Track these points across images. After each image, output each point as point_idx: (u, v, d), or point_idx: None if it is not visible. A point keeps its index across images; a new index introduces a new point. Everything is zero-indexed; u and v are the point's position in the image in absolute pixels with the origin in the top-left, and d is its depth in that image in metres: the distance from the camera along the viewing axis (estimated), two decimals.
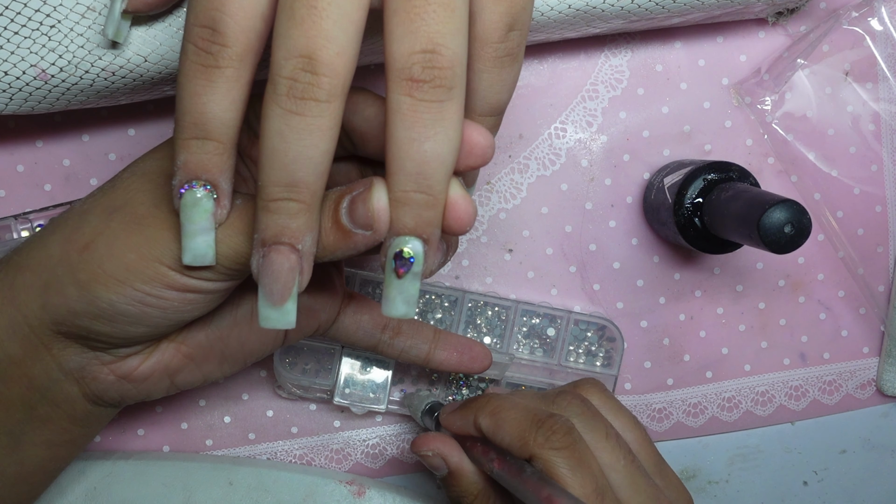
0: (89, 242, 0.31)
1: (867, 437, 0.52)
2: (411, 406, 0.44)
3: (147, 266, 0.30)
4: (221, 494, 0.45)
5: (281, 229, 0.27)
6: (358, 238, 0.29)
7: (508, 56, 0.29)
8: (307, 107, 0.26)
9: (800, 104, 0.49)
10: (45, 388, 0.34)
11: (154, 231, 0.30)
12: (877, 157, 0.50)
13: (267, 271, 0.28)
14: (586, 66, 0.48)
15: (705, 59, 0.49)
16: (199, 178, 0.28)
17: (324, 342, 0.45)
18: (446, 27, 0.26)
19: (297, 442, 0.48)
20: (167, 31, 0.37)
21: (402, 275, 0.28)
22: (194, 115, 0.27)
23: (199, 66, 0.27)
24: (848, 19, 0.47)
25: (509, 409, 0.37)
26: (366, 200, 0.28)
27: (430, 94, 0.26)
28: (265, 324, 0.29)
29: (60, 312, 0.32)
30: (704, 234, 0.44)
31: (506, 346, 0.47)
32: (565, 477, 0.34)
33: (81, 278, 0.31)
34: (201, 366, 0.36)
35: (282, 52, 0.25)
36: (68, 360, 0.33)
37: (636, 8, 0.41)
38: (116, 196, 0.32)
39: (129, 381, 0.35)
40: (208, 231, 0.29)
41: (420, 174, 0.27)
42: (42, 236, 0.33)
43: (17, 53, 0.36)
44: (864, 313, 0.51)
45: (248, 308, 0.36)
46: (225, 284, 0.32)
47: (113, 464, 0.45)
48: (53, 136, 0.45)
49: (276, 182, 0.27)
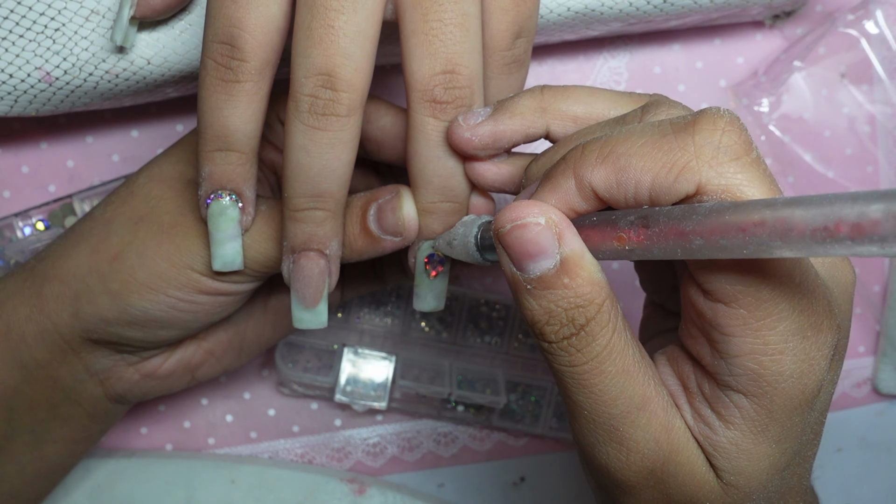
0: (118, 253, 0.32)
1: (863, 435, 0.52)
2: (454, 240, 0.30)
3: (179, 273, 0.31)
4: (223, 492, 0.45)
5: (309, 237, 0.29)
6: (386, 243, 0.30)
7: (515, 63, 0.30)
8: (329, 122, 0.27)
9: (796, 106, 0.49)
10: (70, 389, 0.34)
11: (182, 239, 0.31)
12: (872, 158, 0.50)
13: (298, 277, 0.30)
14: (585, 68, 0.49)
15: (703, 62, 0.49)
16: (224, 188, 0.30)
17: (325, 341, 0.46)
18: (463, 46, 0.27)
19: (298, 440, 0.48)
20: (170, 34, 0.37)
21: (435, 276, 0.31)
22: (217, 128, 0.28)
23: (220, 80, 0.28)
24: (844, 22, 0.48)
25: (623, 142, 0.24)
26: (395, 210, 0.30)
27: (453, 113, 0.28)
28: (299, 325, 0.31)
29: (92, 321, 0.33)
30: None
31: (506, 345, 0.48)
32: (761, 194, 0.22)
33: (114, 288, 0.32)
34: (221, 359, 0.37)
35: (302, 71, 0.27)
36: (95, 363, 0.34)
37: (634, 11, 0.42)
38: (138, 204, 0.33)
39: (153, 379, 0.36)
40: (235, 238, 0.31)
41: (446, 187, 0.29)
42: (67, 247, 0.34)
43: (22, 56, 0.37)
44: (860, 313, 0.51)
45: (262, 301, 0.37)
46: (252, 285, 0.33)
47: (116, 462, 0.45)
48: (57, 138, 0.46)
49: (302, 194, 0.28)
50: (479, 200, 0.31)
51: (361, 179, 0.37)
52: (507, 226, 0.24)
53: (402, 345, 0.47)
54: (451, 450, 0.49)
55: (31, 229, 0.43)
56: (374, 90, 0.33)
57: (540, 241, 0.24)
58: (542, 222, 0.24)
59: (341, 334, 0.46)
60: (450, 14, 0.27)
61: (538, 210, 0.24)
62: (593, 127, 0.28)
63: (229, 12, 0.27)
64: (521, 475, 0.50)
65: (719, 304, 0.23)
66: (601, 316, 0.24)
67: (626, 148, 0.24)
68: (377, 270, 0.39)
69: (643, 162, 0.23)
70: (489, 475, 0.50)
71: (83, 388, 0.35)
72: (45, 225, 0.43)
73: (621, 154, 0.24)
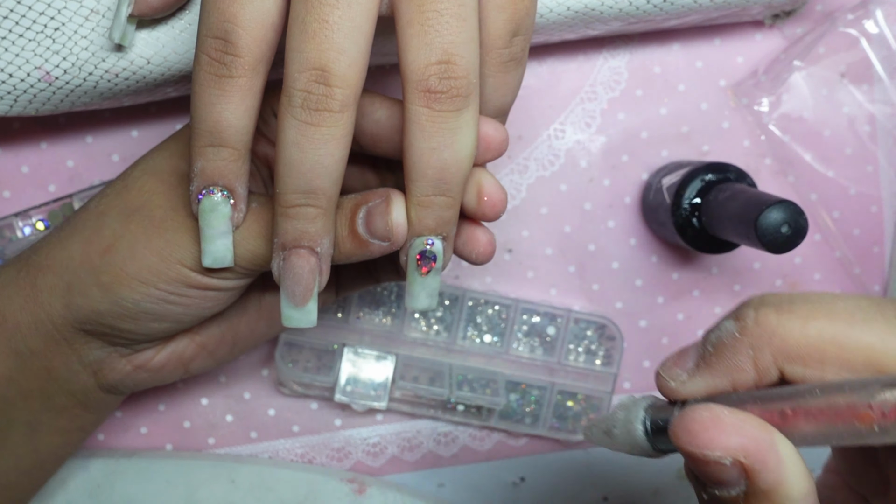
0: (110, 245, 0.32)
1: None
2: (614, 428, 0.25)
3: (169, 268, 0.31)
4: (223, 492, 0.45)
5: (300, 234, 0.29)
6: (374, 247, 0.30)
7: (513, 61, 0.30)
8: (322, 118, 0.26)
9: (796, 106, 0.49)
10: (64, 379, 0.34)
11: (174, 234, 0.31)
12: (872, 157, 0.50)
13: (288, 274, 0.29)
14: (585, 68, 0.49)
15: (703, 61, 0.49)
16: (216, 184, 0.29)
17: (325, 340, 0.46)
18: (460, 37, 0.27)
19: (298, 440, 0.48)
20: (170, 34, 0.37)
21: (426, 273, 0.30)
22: (209, 124, 0.28)
23: (213, 76, 0.27)
24: (844, 22, 0.48)
25: (826, 308, 0.21)
26: (384, 214, 0.29)
27: (448, 104, 0.27)
28: (288, 323, 0.30)
29: (84, 312, 0.33)
30: (702, 234, 0.44)
31: (506, 345, 0.48)
32: None
33: (104, 280, 0.32)
34: (214, 353, 0.37)
35: (295, 66, 0.26)
36: (88, 354, 0.34)
37: (634, 10, 0.42)
38: (132, 197, 0.33)
39: (145, 371, 0.36)
40: (226, 234, 0.30)
41: (441, 180, 0.28)
42: (61, 238, 0.34)
43: (22, 56, 0.37)
44: None
45: (257, 297, 0.37)
46: (243, 282, 0.33)
47: (116, 462, 0.45)
48: (57, 138, 0.46)
49: (294, 190, 0.28)
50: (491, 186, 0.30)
51: (357, 177, 0.36)
52: (687, 448, 0.20)
53: (402, 345, 0.47)
54: (451, 450, 0.49)
55: (31, 229, 0.43)
56: (372, 91, 0.33)
57: (724, 476, 0.20)
58: (727, 463, 0.20)
59: (341, 334, 0.46)
60: (446, 4, 0.26)
61: (721, 443, 0.20)
62: None
63: (224, 7, 0.27)
64: (521, 475, 0.50)
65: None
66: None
67: (826, 317, 0.21)
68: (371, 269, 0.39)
69: (856, 331, 0.20)
70: (489, 475, 0.50)
71: (76, 379, 0.35)
72: (45, 225, 0.43)
73: (823, 326, 0.21)
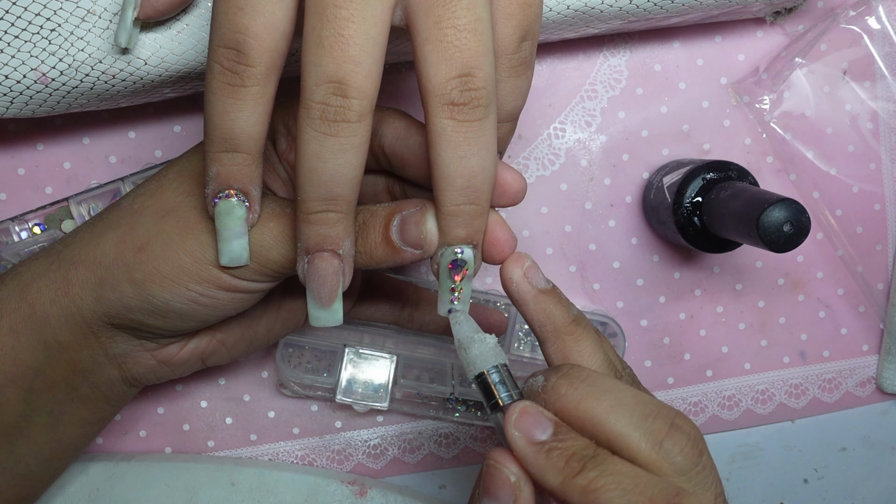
0: (144, 244, 0.33)
1: (867, 434, 0.52)
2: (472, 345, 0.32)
3: (201, 269, 0.33)
4: (224, 495, 0.45)
5: (323, 238, 0.30)
6: (406, 255, 0.31)
7: (522, 65, 0.31)
8: (340, 128, 0.28)
9: (798, 103, 0.49)
10: (89, 371, 0.36)
11: (207, 237, 0.33)
12: (875, 155, 0.50)
13: (313, 276, 0.31)
14: (585, 67, 0.48)
15: (704, 59, 0.49)
16: (230, 188, 0.31)
17: (326, 341, 0.46)
18: (478, 50, 0.28)
19: (298, 443, 0.48)
20: (167, 35, 0.37)
21: (458, 280, 0.31)
22: (223, 131, 0.29)
23: (226, 85, 0.28)
24: (845, 18, 0.48)
25: (611, 486, 0.27)
26: (419, 223, 0.31)
27: (471, 114, 0.28)
28: (316, 323, 0.32)
29: (115, 306, 0.34)
30: (704, 233, 0.44)
31: (507, 344, 0.47)
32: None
33: (137, 277, 0.33)
34: (231, 349, 0.39)
35: (313, 79, 0.27)
36: (114, 347, 0.36)
37: (634, 8, 0.42)
38: (166, 198, 0.34)
39: (168, 365, 0.37)
40: (242, 235, 0.32)
41: (469, 187, 0.29)
42: (94, 234, 0.35)
43: (18, 57, 0.37)
44: (864, 311, 0.51)
45: (277, 299, 0.39)
46: (269, 285, 0.34)
47: (115, 465, 0.45)
48: (54, 139, 0.46)
49: (315, 198, 0.29)
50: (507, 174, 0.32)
51: (371, 185, 0.38)
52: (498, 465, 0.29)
53: (403, 345, 0.47)
54: (452, 451, 0.49)
55: (28, 233, 0.43)
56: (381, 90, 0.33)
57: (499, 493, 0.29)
58: (511, 480, 0.29)
59: (342, 334, 0.46)
60: (463, 20, 0.27)
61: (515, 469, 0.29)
62: None
63: (235, 19, 0.28)
64: None
65: None
66: None
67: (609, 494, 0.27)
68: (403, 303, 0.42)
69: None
70: None
71: (101, 371, 0.36)
72: (42, 228, 0.44)
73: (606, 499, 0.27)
